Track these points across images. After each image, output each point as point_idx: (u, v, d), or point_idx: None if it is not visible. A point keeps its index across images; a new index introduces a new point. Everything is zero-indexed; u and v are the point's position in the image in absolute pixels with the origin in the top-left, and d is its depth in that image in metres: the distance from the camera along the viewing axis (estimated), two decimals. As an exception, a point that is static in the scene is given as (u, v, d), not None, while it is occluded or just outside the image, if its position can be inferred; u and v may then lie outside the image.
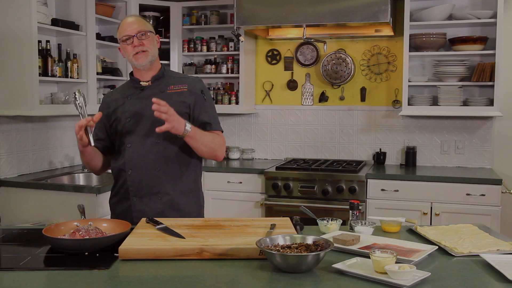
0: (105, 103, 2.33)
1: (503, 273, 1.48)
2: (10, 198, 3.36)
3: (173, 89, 2.24)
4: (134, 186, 2.21)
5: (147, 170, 2.19)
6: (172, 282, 1.45)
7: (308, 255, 1.49)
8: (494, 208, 3.55)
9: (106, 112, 2.27)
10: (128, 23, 2.21)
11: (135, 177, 2.20)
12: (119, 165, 2.24)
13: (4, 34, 3.24)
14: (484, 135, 4.12)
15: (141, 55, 2.19)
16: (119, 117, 2.24)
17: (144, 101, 2.20)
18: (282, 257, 1.50)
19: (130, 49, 2.19)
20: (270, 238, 1.65)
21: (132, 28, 2.18)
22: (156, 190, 2.21)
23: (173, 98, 2.18)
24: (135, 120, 2.21)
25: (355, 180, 3.78)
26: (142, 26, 2.20)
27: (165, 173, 2.20)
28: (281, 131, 4.65)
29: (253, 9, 3.82)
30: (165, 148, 2.19)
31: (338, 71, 4.41)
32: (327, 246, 1.57)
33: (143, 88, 2.25)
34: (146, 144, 2.19)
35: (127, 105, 2.24)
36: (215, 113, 2.31)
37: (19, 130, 3.54)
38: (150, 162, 2.19)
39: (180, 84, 2.26)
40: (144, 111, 2.18)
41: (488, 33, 3.88)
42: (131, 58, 2.20)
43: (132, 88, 2.28)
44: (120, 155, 2.24)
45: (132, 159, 2.20)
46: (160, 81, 2.26)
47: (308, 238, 1.65)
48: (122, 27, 2.22)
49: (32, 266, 1.60)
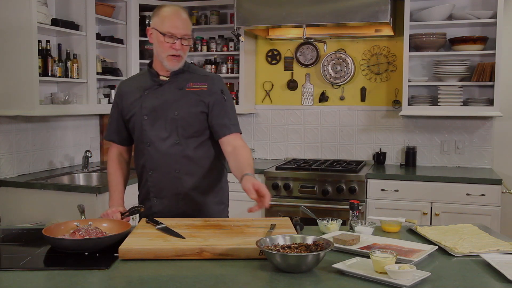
0: (120, 94, 2.25)
1: (503, 273, 1.48)
2: (10, 198, 3.36)
3: (192, 87, 2.15)
4: (155, 187, 2.18)
5: (168, 172, 2.15)
6: (172, 282, 1.45)
7: (308, 255, 1.49)
8: (494, 208, 3.55)
9: (122, 104, 2.22)
10: (178, 20, 2.07)
11: (156, 178, 2.17)
12: (141, 164, 2.21)
13: (4, 34, 3.24)
14: (484, 135, 4.12)
15: (176, 59, 2.10)
16: (136, 113, 2.17)
17: (162, 98, 2.14)
18: (282, 257, 1.50)
19: (167, 48, 2.07)
20: (270, 238, 1.65)
21: (180, 29, 2.06)
22: (176, 191, 2.16)
23: (191, 97, 2.13)
24: (152, 118, 2.14)
25: (355, 180, 3.78)
26: (188, 30, 2.09)
27: (186, 174, 2.15)
28: (281, 131, 4.65)
29: (253, 9, 3.82)
30: (185, 149, 2.14)
31: (338, 71, 4.41)
32: (327, 246, 1.57)
33: (161, 83, 2.17)
34: (165, 144, 2.13)
35: (144, 100, 2.16)
36: (234, 113, 2.22)
37: (19, 130, 3.54)
38: (170, 163, 2.14)
39: (200, 82, 2.17)
40: (162, 109, 2.12)
41: (488, 33, 3.88)
42: (164, 56, 2.09)
43: (149, 80, 2.19)
44: (140, 153, 2.20)
45: (153, 159, 2.15)
46: (179, 77, 2.17)
47: (308, 238, 1.65)
48: (170, 20, 2.06)
49: (32, 266, 1.60)
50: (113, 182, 2.27)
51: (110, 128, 2.31)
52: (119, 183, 2.27)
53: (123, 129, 2.28)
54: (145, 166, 2.19)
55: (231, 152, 2.12)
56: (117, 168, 2.30)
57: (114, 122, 2.29)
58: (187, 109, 2.12)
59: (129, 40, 4.25)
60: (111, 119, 2.30)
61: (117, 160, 2.32)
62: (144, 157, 2.18)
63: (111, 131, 2.31)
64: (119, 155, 2.33)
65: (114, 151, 2.33)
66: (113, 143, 2.33)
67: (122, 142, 2.31)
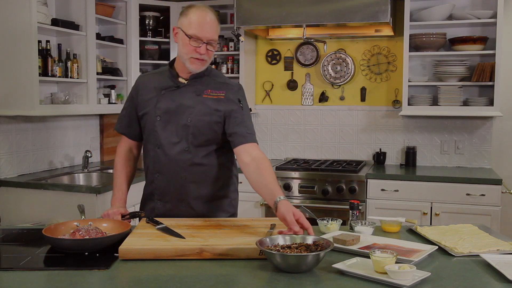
0: (137, 88, 2.20)
1: (503, 273, 1.48)
2: (10, 198, 3.36)
3: (210, 94, 2.10)
4: (160, 190, 2.15)
5: (173, 177, 2.11)
6: (172, 282, 1.45)
7: (308, 255, 1.49)
8: (494, 208, 3.55)
9: (137, 99, 2.17)
10: (206, 24, 2.00)
11: (161, 181, 2.14)
12: (148, 164, 2.18)
13: (4, 34, 3.23)
14: (484, 135, 4.12)
15: (200, 62, 2.04)
16: (149, 111, 2.12)
17: (177, 101, 2.09)
18: (282, 257, 1.50)
19: (191, 50, 2.01)
20: (270, 238, 1.65)
21: (207, 33, 2.00)
22: (181, 197, 2.13)
23: (208, 104, 2.08)
24: (165, 120, 2.09)
25: (355, 180, 3.78)
26: (215, 34, 2.03)
27: (192, 181, 2.11)
28: (281, 131, 4.65)
29: (253, 9, 3.82)
30: (194, 157, 2.09)
31: (338, 71, 4.41)
32: (327, 246, 1.57)
33: (179, 85, 2.12)
34: (174, 150, 2.08)
35: (159, 100, 2.10)
36: (251, 123, 2.17)
37: (19, 130, 3.54)
38: (177, 170, 2.10)
39: (218, 90, 2.11)
40: (176, 112, 2.08)
41: (488, 33, 3.88)
42: (186, 58, 2.03)
43: (168, 80, 2.13)
44: (148, 154, 2.16)
45: (160, 163, 2.12)
46: (198, 81, 2.11)
47: (308, 238, 1.65)
48: (198, 23, 2.00)
49: (32, 266, 1.60)
50: (118, 180, 2.22)
51: (122, 121, 2.26)
52: (124, 182, 2.23)
53: (135, 124, 2.22)
54: (152, 168, 2.16)
55: (249, 164, 2.02)
56: (124, 165, 2.25)
57: (127, 115, 2.23)
58: (201, 117, 2.07)
59: (129, 40, 4.25)
60: (125, 111, 2.25)
61: (126, 156, 2.27)
62: (151, 159, 2.15)
63: (123, 124, 2.25)
64: (129, 151, 2.28)
65: (123, 146, 2.28)
66: (123, 136, 2.28)
67: (133, 136, 2.26)
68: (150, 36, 4.43)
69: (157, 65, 4.69)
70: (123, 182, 2.23)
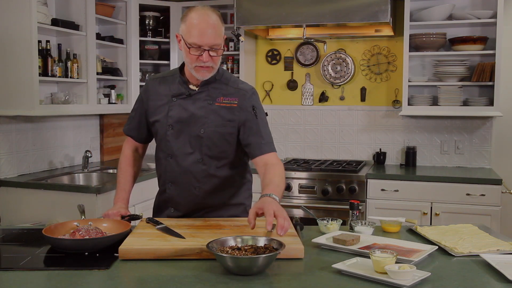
0: (148, 92, 2.13)
1: (503, 273, 1.48)
2: (10, 198, 3.36)
3: (223, 101, 2.01)
4: (173, 199, 2.13)
5: (188, 188, 2.07)
6: (172, 282, 1.45)
7: (259, 257, 1.49)
8: (494, 208, 3.55)
9: (147, 104, 2.11)
10: (206, 29, 1.87)
11: (174, 191, 2.11)
12: (160, 172, 2.15)
13: (4, 34, 3.23)
14: (484, 135, 4.12)
15: (205, 70, 1.94)
16: (160, 119, 2.06)
17: (190, 110, 2.01)
18: (232, 259, 1.49)
19: (194, 59, 1.91)
20: (222, 240, 1.64)
21: (208, 39, 1.87)
22: (194, 207, 2.11)
23: (221, 114, 2.01)
24: (177, 130, 2.03)
25: (355, 180, 3.78)
26: (217, 39, 1.90)
27: (206, 192, 2.08)
28: (281, 131, 4.65)
29: (253, 9, 3.82)
30: (208, 168, 2.05)
31: (338, 71, 4.41)
32: (277, 248, 1.56)
33: (191, 93, 2.03)
34: (188, 161, 2.04)
35: (171, 107, 2.04)
36: (267, 130, 2.06)
37: (19, 130, 3.54)
38: (191, 180, 2.06)
39: (231, 97, 2.02)
40: (188, 122, 2.01)
41: (488, 33, 3.88)
42: (192, 67, 1.94)
43: (179, 86, 2.05)
44: (160, 162, 2.13)
45: (174, 173, 2.08)
46: (210, 87, 2.02)
47: (260, 240, 1.65)
48: (197, 29, 1.88)
49: (32, 266, 1.60)
50: (122, 180, 2.20)
51: (131, 123, 2.21)
52: (128, 182, 2.21)
53: (144, 128, 2.19)
54: (164, 177, 2.13)
55: (262, 172, 2.01)
56: (129, 165, 2.23)
57: (136, 118, 2.19)
58: (214, 129, 2.01)
59: (129, 40, 4.25)
60: (134, 113, 2.19)
61: (132, 156, 2.24)
62: (164, 168, 2.12)
63: (132, 126, 2.21)
64: (134, 151, 2.26)
65: (129, 145, 2.25)
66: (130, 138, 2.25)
67: (141, 139, 2.23)
68: (150, 36, 4.43)
69: (157, 65, 4.70)
70: (127, 182, 2.21)
